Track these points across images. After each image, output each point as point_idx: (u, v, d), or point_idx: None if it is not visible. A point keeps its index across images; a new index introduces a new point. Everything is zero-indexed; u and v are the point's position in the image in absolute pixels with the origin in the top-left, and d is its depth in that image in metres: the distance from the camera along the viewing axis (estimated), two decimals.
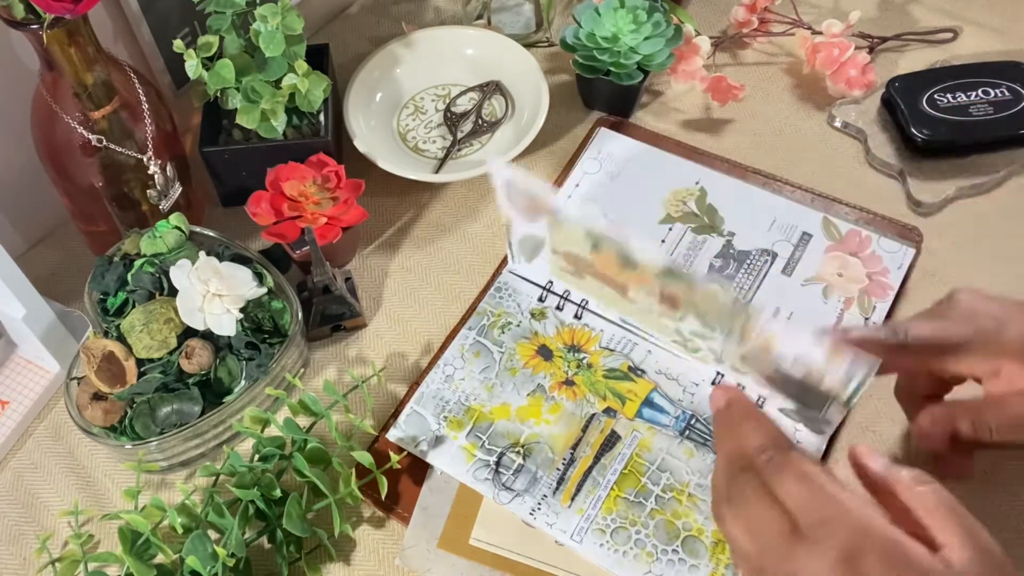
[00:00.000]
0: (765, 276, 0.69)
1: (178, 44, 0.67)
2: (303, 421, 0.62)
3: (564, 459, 0.60)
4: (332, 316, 0.69)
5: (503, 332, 0.66)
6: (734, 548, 0.46)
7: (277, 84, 0.70)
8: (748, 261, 0.70)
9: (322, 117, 0.74)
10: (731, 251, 0.71)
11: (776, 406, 0.62)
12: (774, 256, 0.70)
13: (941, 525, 0.43)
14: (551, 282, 0.69)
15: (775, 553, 0.43)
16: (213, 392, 0.63)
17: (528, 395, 0.63)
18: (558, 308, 0.68)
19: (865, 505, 0.43)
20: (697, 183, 0.75)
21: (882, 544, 0.41)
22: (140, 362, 0.62)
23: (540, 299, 0.69)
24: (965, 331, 0.53)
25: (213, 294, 0.62)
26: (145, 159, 0.67)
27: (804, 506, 0.43)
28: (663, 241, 0.72)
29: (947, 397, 0.58)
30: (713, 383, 0.64)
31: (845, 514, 0.42)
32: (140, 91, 0.67)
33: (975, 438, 0.53)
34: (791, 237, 0.71)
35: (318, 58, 0.77)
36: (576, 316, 0.68)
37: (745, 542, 0.45)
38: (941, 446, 0.55)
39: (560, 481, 0.59)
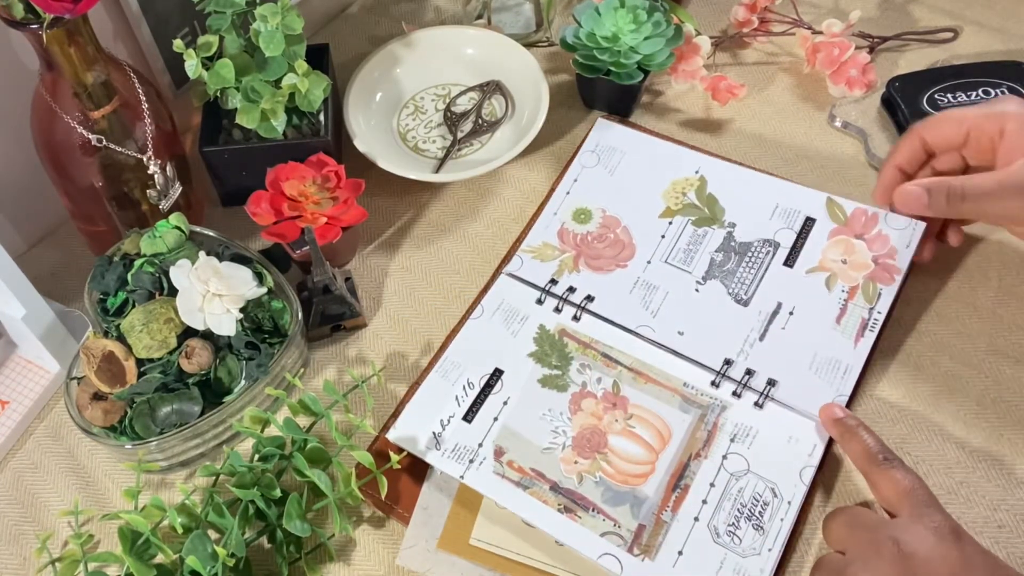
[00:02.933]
0: (767, 269, 0.68)
1: (178, 44, 0.67)
2: (303, 421, 0.62)
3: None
4: (332, 316, 0.69)
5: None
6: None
7: (277, 84, 0.70)
8: (750, 253, 0.69)
9: (322, 117, 0.74)
10: (732, 243, 0.70)
11: (787, 387, 0.63)
12: (776, 246, 0.69)
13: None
14: (551, 282, 0.69)
15: (882, 532, 0.52)
16: (213, 392, 0.63)
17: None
18: (556, 310, 0.68)
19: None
20: (697, 172, 0.74)
21: (972, 539, 0.52)
22: (140, 362, 0.62)
23: (539, 301, 0.69)
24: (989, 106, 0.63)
25: (213, 294, 0.62)
26: (145, 159, 0.67)
27: (902, 495, 0.53)
28: (663, 236, 0.71)
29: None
30: (713, 383, 0.64)
31: (939, 504, 0.53)
32: (140, 91, 0.67)
33: (947, 212, 0.63)
34: (794, 224, 0.70)
35: (318, 58, 0.77)
36: (575, 318, 0.68)
37: (850, 542, 0.53)
38: (918, 207, 0.64)
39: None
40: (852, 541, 0.52)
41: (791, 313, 0.66)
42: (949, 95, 0.77)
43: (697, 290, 0.68)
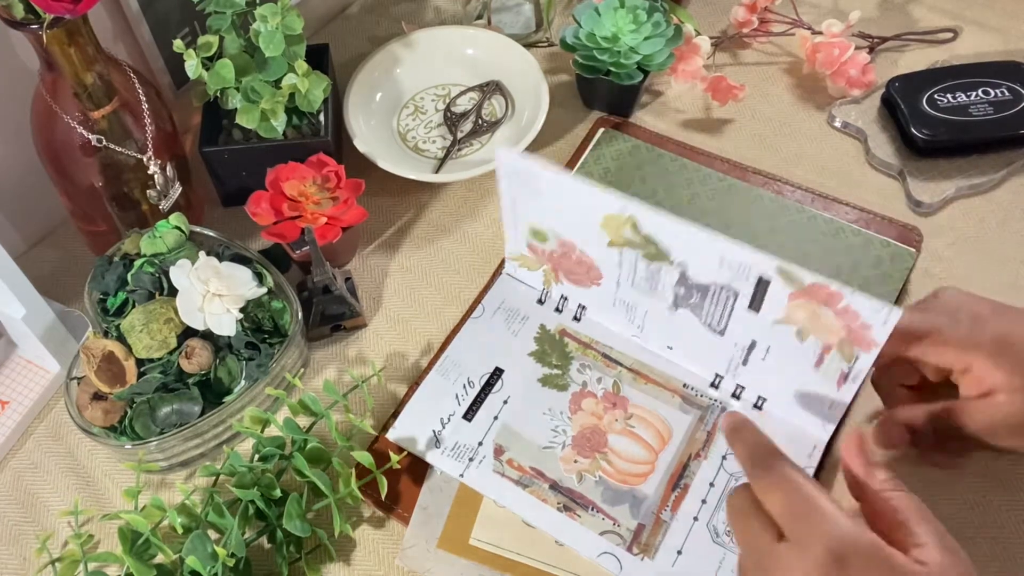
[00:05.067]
0: (732, 311, 0.59)
1: (178, 44, 0.67)
2: (303, 421, 0.62)
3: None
4: (332, 316, 0.69)
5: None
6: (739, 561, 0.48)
7: (277, 84, 0.70)
8: (711, 293, 0.59)
9: (322, 117, 0.74)
10: (689, 282, 0.59)
11: (776, 407, 0.62)
12: (735, 293, 0.58)
13: (915, 528, 0.45)
14: (544, 292, 0.69)
15: (765, 559, 0.45)
16: (213, 392, 0.63)
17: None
18: (557, 310, 0.68)
19: (844, 512, 0.45)
20: (625, 211, 0.58)
21: (865, 548, 0.43)
22: (140, 362, 0.62)
23: (540, 300, 0.69)
24: (941, 322, 0.54)
25: (213, 294, 0.62)
26: (145, 159, 0.67)
27: (786, 514, 0.45)
28: (620, 265, 0.62)
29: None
30: (712, 384, 0.64)
31: (825, 519, 0.44)
32: (140, 91, 0.67)
33: (934, 440, 0.54)
34: (747, 276, 0.56)
35: (318, 58, 0.77)
36: (575, 318, 0.68)
37: (743, 555, 0.47)
38: (901, 444, 0.55)
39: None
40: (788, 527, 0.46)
41: (768, 350, 0.60)
42: (949, 95, 0.77)
43: (672, 312, 0.62)
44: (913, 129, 0.76)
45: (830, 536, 0.43)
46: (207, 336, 0.63)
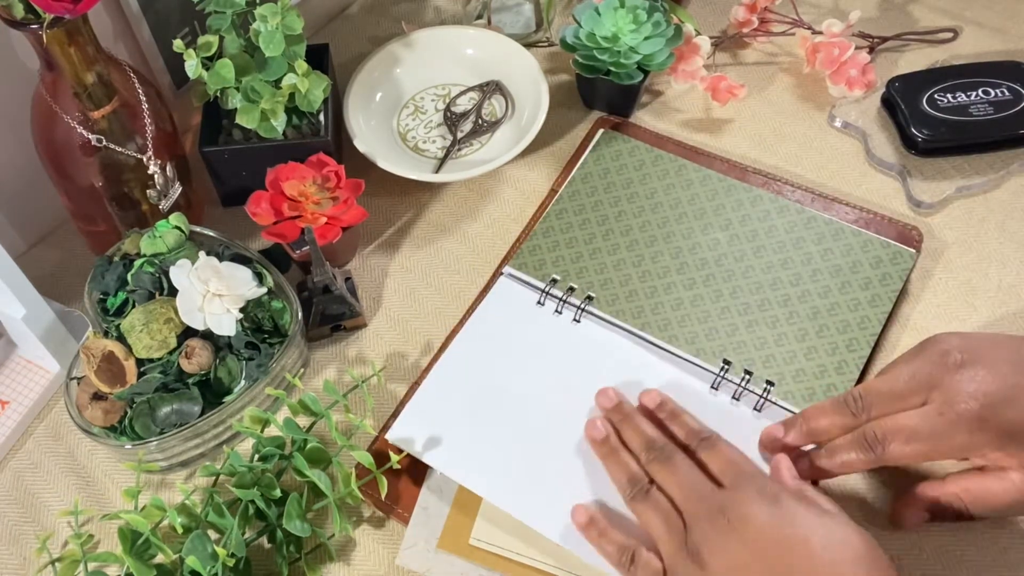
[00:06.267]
0: None
1: (178, 44, 0.67)
2: (303, 421, 0.62)
3: None
4: (332, 316, 0.69)
5: None
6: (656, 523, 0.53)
7: (277, 84, 0.70)
8: None
9: (322, 117, 0.74)
10: None
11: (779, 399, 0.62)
12: None
13: None
14: (552, 282, 0.69)
15: (709, 500, 0.52)
16: (213, 392, 0.63)
17: None
18: (557, 311, 0.68)
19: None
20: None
21: (792, 489, 0.52)
22: (140, 362, 0.62)
23: (539, 302, 0.69)
24: (938, 427, 0.52)
25: (213, 294, 0.62)
26: (145, 159, 0.67)
27: (723, 469, 0.54)
28: None
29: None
30: (713, 386, 0.64)
31: (756, 471, 0.54)
32: (140, 91, 0.67)
33: (954, 516, 0.55)
34: None
35: (318, 58, 0.77)
36: (575, 319, 0.68)
37: (679, 497, 0.53)
38: (920, 522, 0.56)
39: None
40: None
41: None
42: (949, 95, 0.77)
43: None
44: (913, 129, 0.76)
45: (761, 479, 0.52)
46: (207, 336, 0.63)
